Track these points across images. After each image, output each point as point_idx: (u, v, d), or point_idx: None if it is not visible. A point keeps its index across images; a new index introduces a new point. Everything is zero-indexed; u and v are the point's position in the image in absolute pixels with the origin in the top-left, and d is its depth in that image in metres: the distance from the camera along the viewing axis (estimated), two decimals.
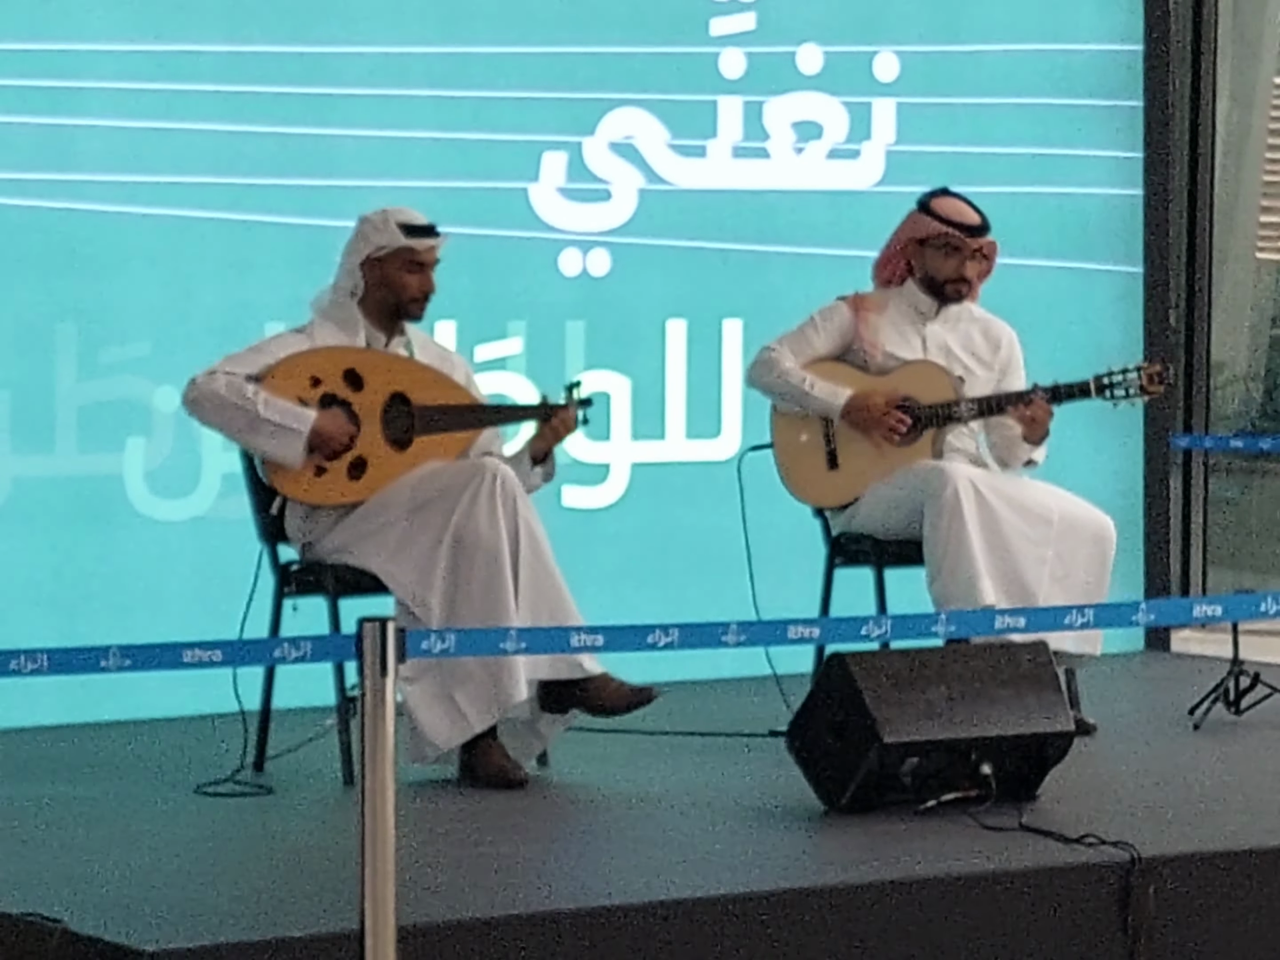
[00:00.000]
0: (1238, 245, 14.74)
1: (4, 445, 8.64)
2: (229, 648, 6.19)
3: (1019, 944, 6.44)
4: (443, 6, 9.17)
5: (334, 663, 7.23)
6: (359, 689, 5.71)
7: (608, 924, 6.13)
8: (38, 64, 8.59)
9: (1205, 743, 8.34)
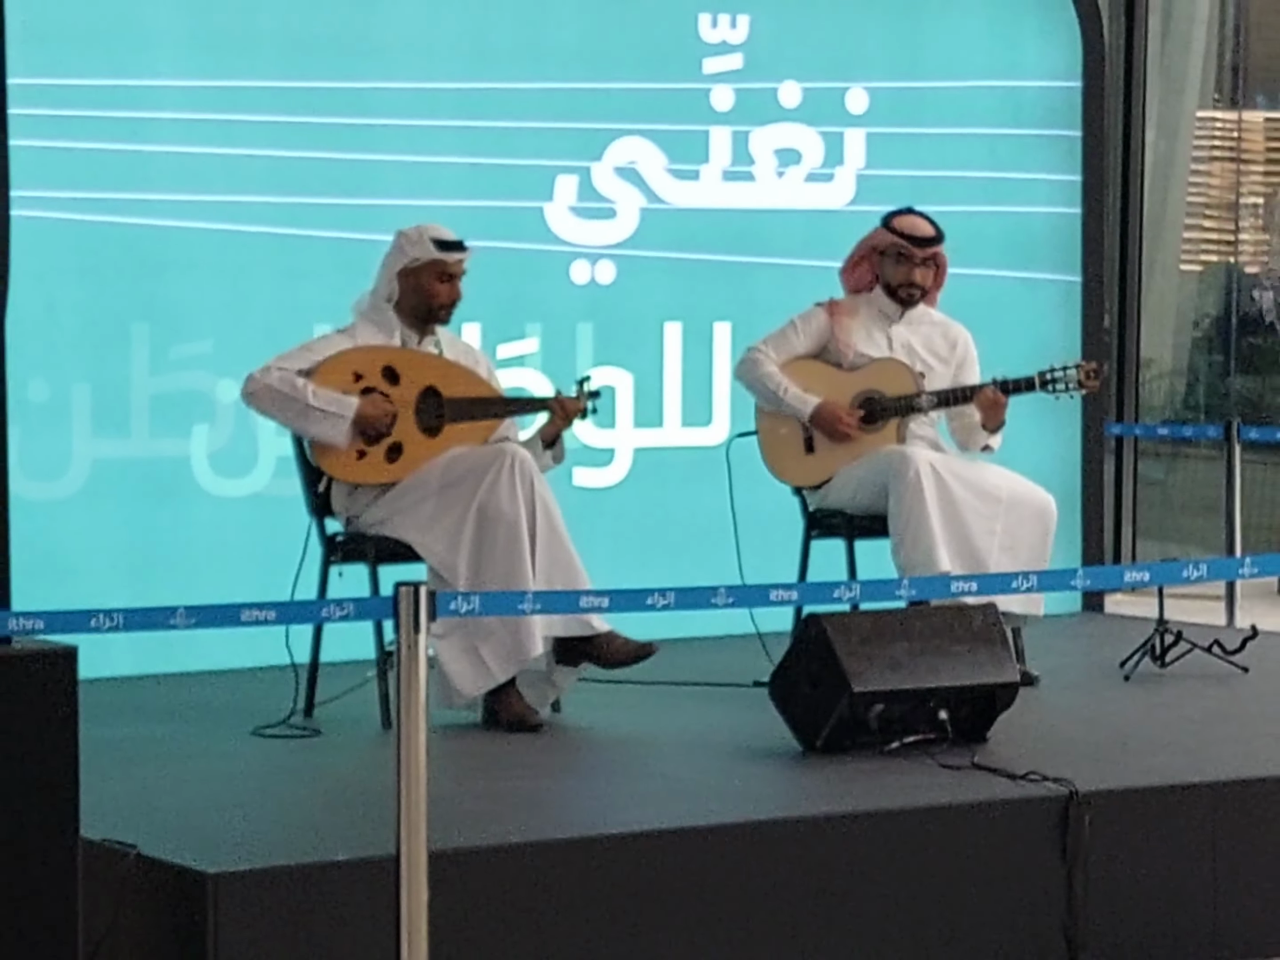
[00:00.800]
0: (1163, 258, 14.73)
1: (86, 431, 8.66)
2: (282, 608, 6.22)
3: (972, 868, 6.46)
4: (468, 48, 9.17)
5: (373, 621, 7.23)
6: (395, 644, 5.74)
7: (613, 849, 6.16)
8: (116, 98, 8.60)
9: (1134, 692, 8.35)
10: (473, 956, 5.85)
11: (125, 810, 6.14)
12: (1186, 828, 6.71)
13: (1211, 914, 6.70)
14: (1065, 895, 6.52)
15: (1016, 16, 10.11)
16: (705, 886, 6.18)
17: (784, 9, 9.71)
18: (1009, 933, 6.49)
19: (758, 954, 6.22)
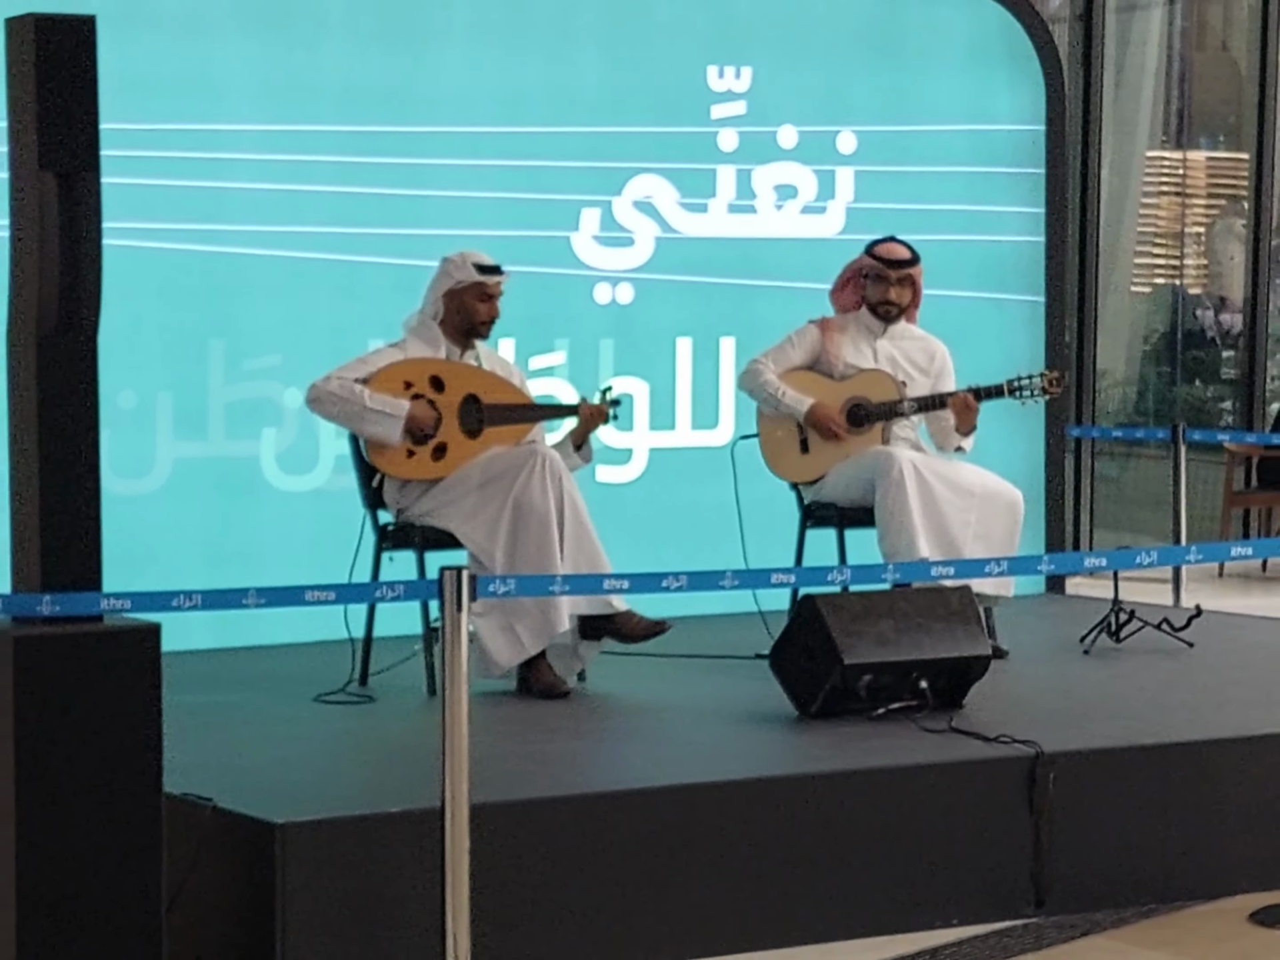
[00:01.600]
0: (1117, 280, 14.74)
1: (168, 434, 8.67)
2: (340, 589, 6.23)
3: (950, 820, 6.46)
4: (503, 97, 9.16)
5: (421, 601, 7.22)
6: (440, 621, 5.75)
7: (632, 803, 6.17)
8: (196, 141, 8.61)
9: (1093, 664, 8.34)
10: (509, 897, 5.85)
11: (203, 767, 6.15)
12: (1140, 784, 6.70)
13: (1162, 860, 6.70)
14: (1032, 844, 6.52)
15: (988, 68, 10.10)
16: (713, 836, 6.19)
17: (782, 62, 9.69)
18: (983, 877, 6.49)
19: (760, 895, 6.22)
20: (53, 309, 5.45)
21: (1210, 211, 16.01)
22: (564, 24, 9.34)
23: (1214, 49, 16.37)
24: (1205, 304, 15.95)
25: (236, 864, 5.78)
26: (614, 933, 6.04)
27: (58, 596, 5.47)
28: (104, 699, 5.45)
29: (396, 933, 5.75)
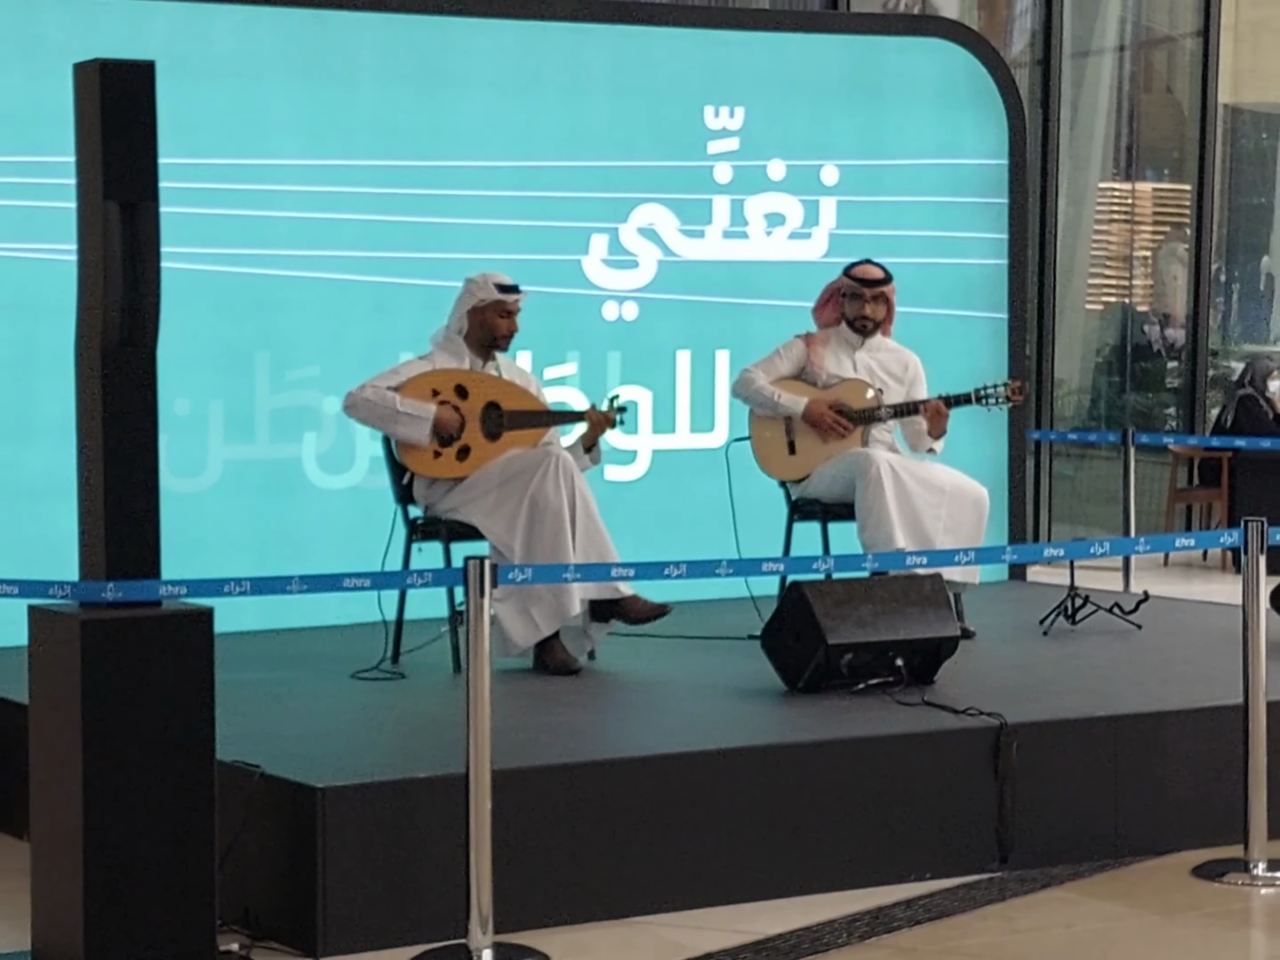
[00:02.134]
0: (1072, 299, 14.75)
1: (218, 437, 8.66)
2: (374, 576, 6.23)
3: (923, 784, 6.45)
4: (520, 134, 9.17)
5: (447, 587, 7.22)
6: (464, 606, 5.75)
7: (637, 768, 6.17)
8: (244, 174, 8.61)
9: (1051, 644, 8.33)
10: (527, 853, 5.85)
11: (251, 737, 6.14)
12: (1094, 752, 6.69)
13: (1113, 820, 6.69)
14: (997, 806, 6.51)
15: (956, 108, 10.09)
16: (710, 798, 6.18)
17: (772, 103, 9.69)
18: (952, 836, 6.48)
19: (751, 852, 6.22)
20: (116, 325, 5.46)
21: (1156, 237, 16.02)
22: (574, 69, 9.34)
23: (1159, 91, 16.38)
24: (1151, 320, 15.96)
25: (281, 824, 5.78)
26: (620, 885, 6.04)
27: (120, 584, 5.48)
28: (162, 676, 5.45)
29: (425, 886, 5.75)
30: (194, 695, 5.48)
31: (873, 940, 5.86)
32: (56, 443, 7.45)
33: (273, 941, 5.70)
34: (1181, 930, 5.99)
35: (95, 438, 5.50)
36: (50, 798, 5.55)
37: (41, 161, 8.05)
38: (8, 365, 8.23)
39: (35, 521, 8.06)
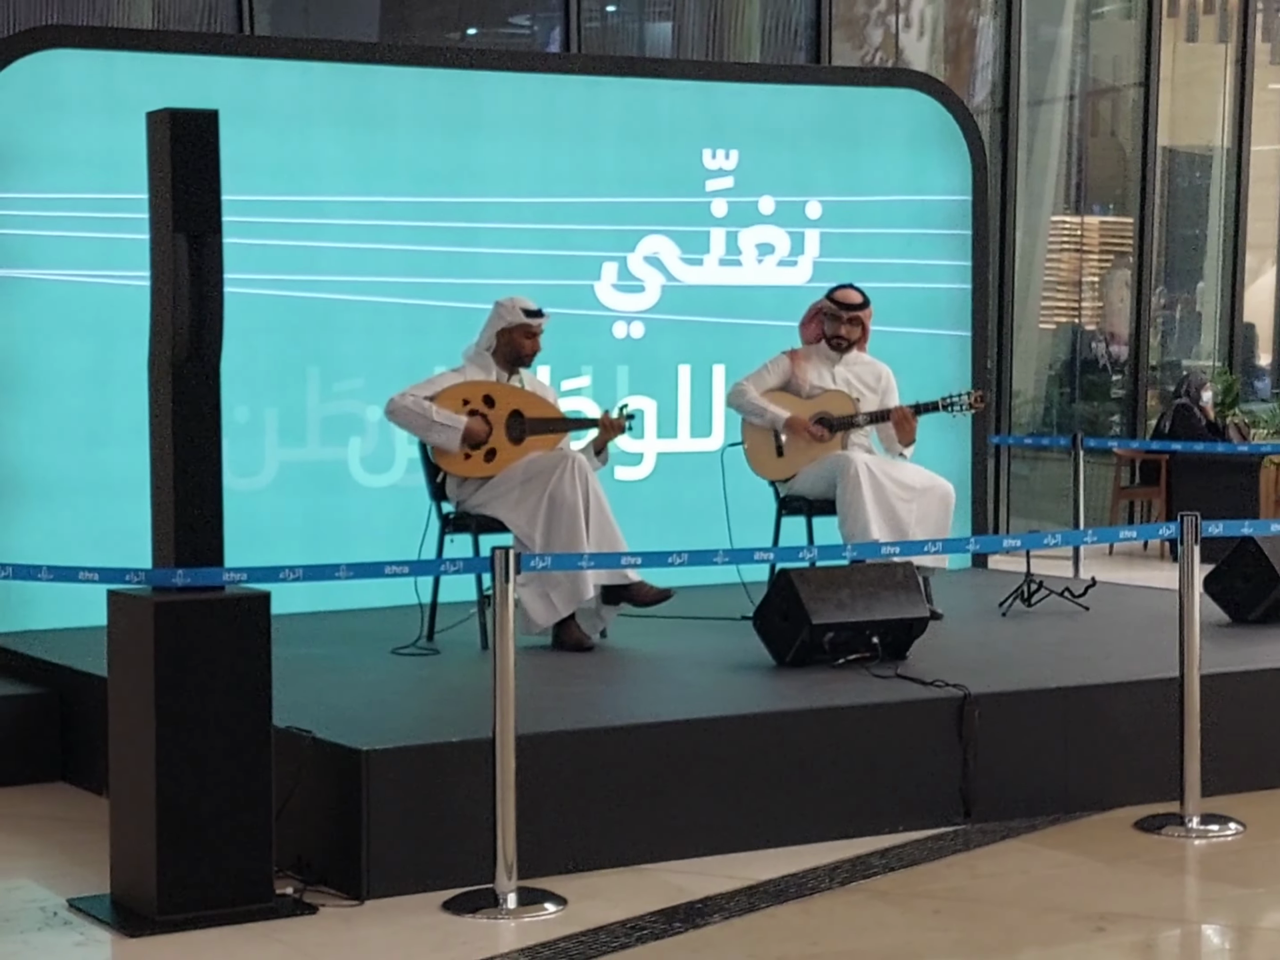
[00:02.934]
0: (1027, 320, 14.75)
1: (274, 441, 8.67)
2: (412, 564, 6.23)
3: (896, 746, 6.46)
4: (540, 173, 9.16)
5: (476, 573, 7.22)
6: (491, 590, 5.75)
7: (643, 733, 6.17)
8: (296, 210, 8.63)
9: (1009, 624, 8.33)
10: (547, 808, 5.86)
11: (303, 706, 6.14)
12: (1046, 719, 6.69)
13: (1064, 780, 6.69)
14: (961, 767, 6.51)
15: (925, 150, 10.09)
16: (707, 760, 6.18)
17: (763, 146, 9.68)
18: (922, 792, 6.48)
19: (744, 807, 6.23)
20: (184, 342, 5.48)
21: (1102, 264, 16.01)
22: (588, 117, 9.34)
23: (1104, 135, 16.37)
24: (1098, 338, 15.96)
25: (329, 782, 5.79)
26: (629, 836, 6.04)
27: (188, 571, 5.49)
28: (225, 652, 5.47)
29: (457, 836, 5.76)
30: (253, 669, 5.50)
31: (852, 885, 5.87)
32: (131, 446, 7.48)
33: (322, 885, 5.70)
34: (1123, 876, 6.00)
35: (165, 441, 5.52)
36: (127, 759, 5.57)
37: (119, 199, 8.07)
38: (90, 378, 8.24)
39: (113, 516, 8.07)
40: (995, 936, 5.44)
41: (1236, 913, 5.72)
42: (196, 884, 5.43)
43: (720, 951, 5.28)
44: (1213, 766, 6.56)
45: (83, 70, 8.26)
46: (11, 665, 7.66)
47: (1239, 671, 7.08)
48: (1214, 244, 16.90)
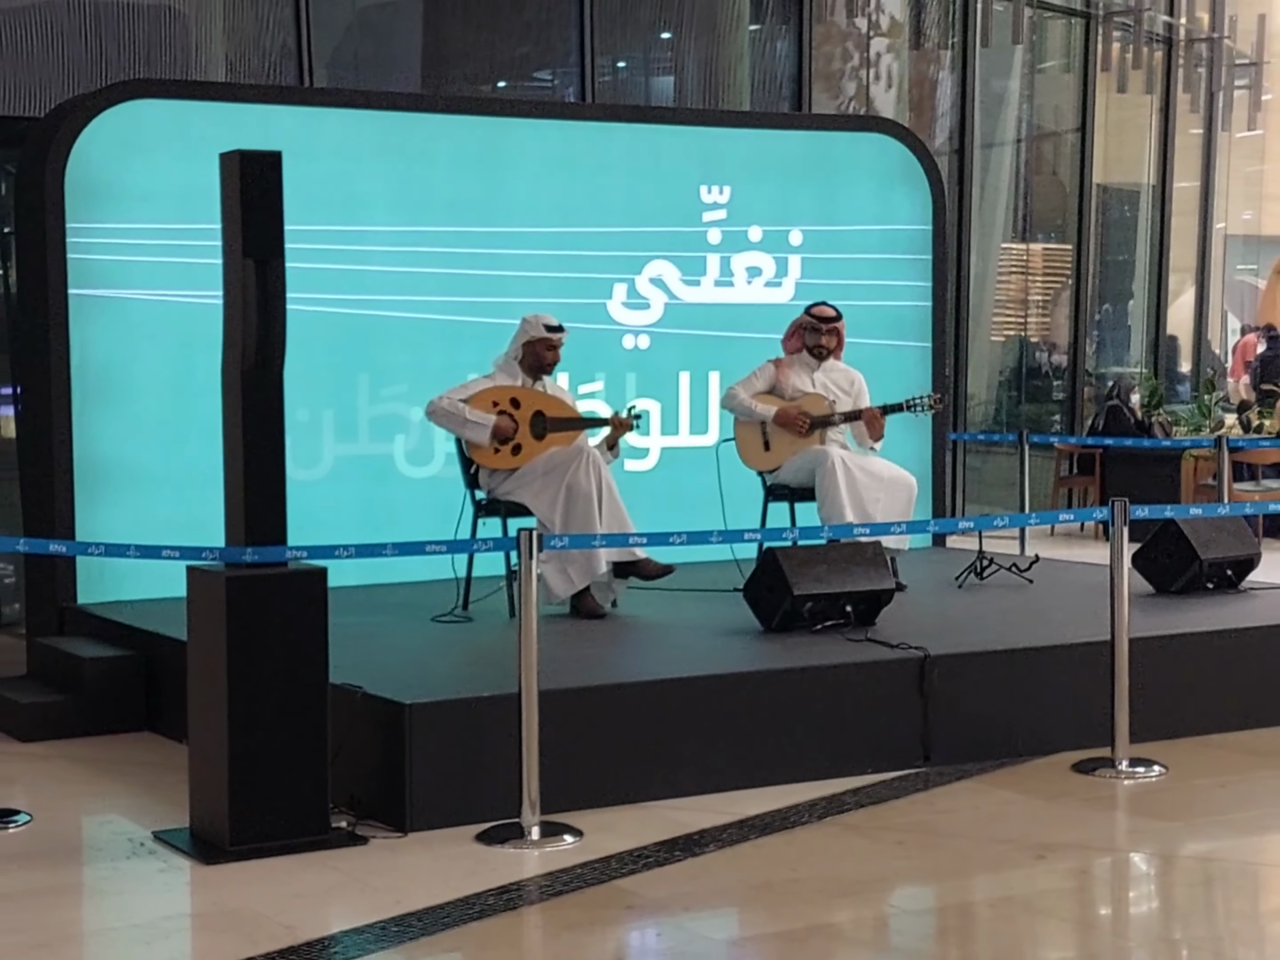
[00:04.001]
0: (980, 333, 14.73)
1: (330, 438, 8.66)
2: (450, 543, 6.25)
3: (866, 700, 6.46)
4: (559, 205, 9.13)
5: (504, 551, 7.23)
6: (517, 566, 5.76)
7: (649, 688, 6.18)
8: (347, 238, 8.61)
9: (964, 595, 8.31)
10: (565, 753, 5.86)
11: (355, 666, 6.14)
12: (995, 676, 6.70)
13: (1010, 728, 6.69)
14: (922, 717, 6.52)
15: (892, 186, 10.05)
16: (704, 712, 6.19)
17: (752, 182, 9.65)
18: (888, 739, 6.49)
19: (736, 751, 6.23)
20: (252, 353, 5.48)
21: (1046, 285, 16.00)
22: (600, 157, 9.30)
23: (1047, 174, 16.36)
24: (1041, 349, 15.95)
25: (377, 731, 5.80)
26: (637, 777, 6.05)
27: (256, 549, 5.50)
28: (287, 619, 5.48)
29: (488, 778, 5.77)
30: (311, 633, 5.51)
31: (828, 819, 5.87)
32: (207, 442, 7.44)
33: (371, 820, 5.71)
34: (1062, 811, 6.00)
35: (237, 438, 5.53)
36: (204, 712, 5.58)
37: (195, 229, 8.07)
38: (170, 383, 8.25)
39: (190, 502, 8.07)
40: (951, 863, 5.44)
41: (1159, 843, 5.72)
42: (263, 818, 5.44)
43: (715, 876, 5.29)
44: (1139, 717, 6.57)
45: (164, 118, 8.26)
46: (104, 631, 7.67)
47: (1162, 635, 7.09)
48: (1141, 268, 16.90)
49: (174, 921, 4.95)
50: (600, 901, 5.04)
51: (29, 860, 5.46)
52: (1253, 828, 5.86)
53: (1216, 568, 8.18)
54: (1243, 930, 5.02)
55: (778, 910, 4.98)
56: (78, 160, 8.02)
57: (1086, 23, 15.51)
